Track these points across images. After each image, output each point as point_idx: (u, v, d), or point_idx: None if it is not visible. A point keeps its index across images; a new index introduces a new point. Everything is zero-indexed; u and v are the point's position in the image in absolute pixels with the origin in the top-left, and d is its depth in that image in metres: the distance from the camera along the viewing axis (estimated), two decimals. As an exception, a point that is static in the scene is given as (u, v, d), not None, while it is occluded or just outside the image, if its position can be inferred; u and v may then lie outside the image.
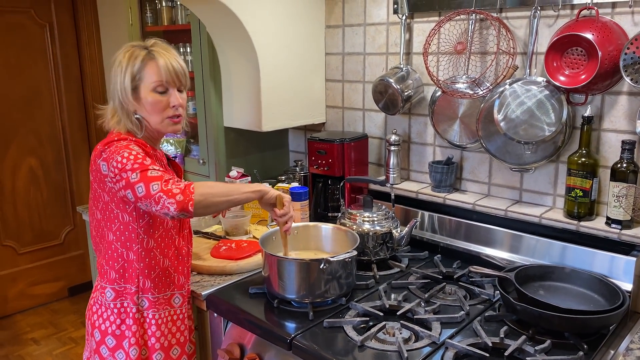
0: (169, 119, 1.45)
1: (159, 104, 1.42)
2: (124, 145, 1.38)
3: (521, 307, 1.37)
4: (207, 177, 2.42)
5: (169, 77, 1.41)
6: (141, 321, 1.49)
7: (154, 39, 1.48)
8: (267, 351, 1.48)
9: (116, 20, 3.35)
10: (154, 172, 1.33)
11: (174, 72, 1.42)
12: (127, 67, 1.40)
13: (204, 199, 1.34)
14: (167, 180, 1.32)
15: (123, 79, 1.40)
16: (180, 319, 1.56)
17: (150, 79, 1.40)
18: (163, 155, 1.56)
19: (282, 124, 2.24)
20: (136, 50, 1.42)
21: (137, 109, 1.43)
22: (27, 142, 3.47)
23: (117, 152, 1.35)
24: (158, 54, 1.41)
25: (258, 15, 2.04)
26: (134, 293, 1.47)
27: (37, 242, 3.62)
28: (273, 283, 1.53)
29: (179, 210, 1.30)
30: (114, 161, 1.34)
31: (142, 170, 1.33)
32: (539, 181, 1.80)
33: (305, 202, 2.07)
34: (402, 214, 2.01)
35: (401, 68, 2.01)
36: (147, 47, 1.43)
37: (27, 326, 3.43)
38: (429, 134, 2.06)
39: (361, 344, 1.32)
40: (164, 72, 1.41)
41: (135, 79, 1.41)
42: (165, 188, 1.30)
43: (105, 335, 1.48)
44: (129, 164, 1.33)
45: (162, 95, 1.43)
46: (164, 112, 1.44)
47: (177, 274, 1.54)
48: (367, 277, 1.70)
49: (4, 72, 3.31)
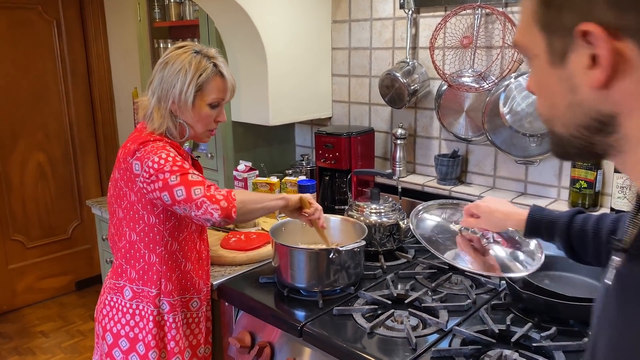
0: (209, 131, 1.50)
1: (209, 118, 1.45)
2: (161, 147, 1.37)
3: (527, 295, 1.40)
4: (215, 170, 2.45)
5: (230, 96, 1.46)
6: (162, 324, 1.49)
7: (213, 48, 1.48)
8: (278, 339, 1.51)
9: (123, 17, 3.38)
10: (195, 177, 1.34)
11: (233, 90, 1.46)
12: (193, 76, 1.39)
13: (244, 205, 1.37)
14: (209, 186, 1.34)
15: (187, 87, 1.39)
16: (196, 322, 1.56)
17: (213, 94, 1.42)
18: (188, 157, 1.56)
19: (289, 118, 2.28)
20: (203, 60, 1.41)
21: (181, 114, 1.43)
22: (34, 138, 3.51)
23: (154, 153, 1.34)
24: (223, 70, 1.43)
25: (266, 11, 2.07)
26: (155, 296, 1.47)
27: (45, 237, 3.66)
28: (283, 272, 1.57)
29: (222, 216, 1.32)
30: (150, 161, 1.33)
31: (182, 173, 1.33)
32: (543, 173, 1.83)
33: (313, 195, 2.10)
34: (408, 206, 2.03)
35: (407, 62, 2.03)
36: (210, 58, 1.43)
37: (35, 319, 3.47)
38: (435, 127, 2.09)
39: (370, 330, 1.35)
40: (229, 92, 1.44)
41: (199, 90, 1.41)
42: (209, 194, 1.32)
43: (119, 337, 1.47)
44: (167, 165, 1.33)
45: (214, 110, 1.45)
46: (209, 125, 1.47)
47: (197, 278, 1.55)
48: (375, 267, 1.73)
49: (12, 68, 3.35)
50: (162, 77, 1.41)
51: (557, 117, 0.58)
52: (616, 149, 0.55)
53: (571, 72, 0.53)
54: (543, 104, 0.60)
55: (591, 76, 0.51)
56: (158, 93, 1.42)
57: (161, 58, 1.46)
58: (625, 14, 0.48)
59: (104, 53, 3.65)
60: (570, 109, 0.55)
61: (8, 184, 3.44)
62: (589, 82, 0.52)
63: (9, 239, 3.50)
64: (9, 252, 3.51)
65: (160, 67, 1.43)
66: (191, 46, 1.44)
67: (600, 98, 0.52)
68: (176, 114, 1.43)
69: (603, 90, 0.52)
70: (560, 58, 0.54)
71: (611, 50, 0.49)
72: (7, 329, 3.36)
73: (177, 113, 1.42)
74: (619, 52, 0.49)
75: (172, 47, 1.46)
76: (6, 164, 3.42)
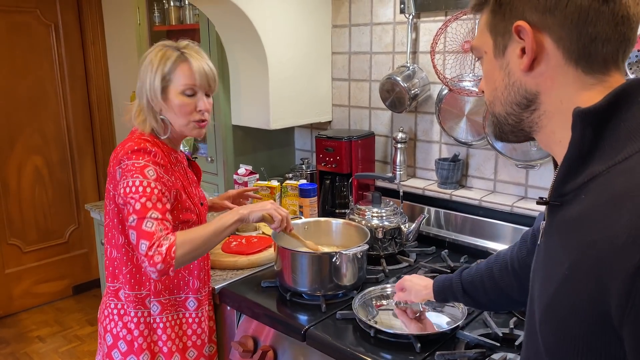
0: (195, 122, 1.44)
1: (187, 107, 1.41)
2: (141, 167, 1.34)
3: (530, 299, 1.41)
4: (215, 174, 2.45)
5: (200, 81, 1.40)
6: (154, 326, 1.48)
7: (187, 40, 1.46)
8: (280, 343, 1.51)
9: (121, 20, 3.38)
10: (148, 224, 1.30)
11: (205, 76, 1.41)
12: (158, 67, 1.38)
13: (184, 256, 1.31)
14: (154, 244, 1.28)
15: (153, 79, 1.39)
16: (197, 323, 1.54)
17: (181, 81, 1.39)
18: (184, 158, 1.55)
19: (290, 122, 2.28)
20: (168, 50, 1.40)
21: (163, 109, 1.42)
22: (32, 141, 3.50)
23: (131, 174, 1.33)
24: (191, 57, 1.40)
25: (267, 15, 2.08)
26: (144, 297, 1.47)
27: (42, 241, 3.64)
28: (286, 276, 1.56)
29: (159, 277, 1.31)
30: (126, 182, 1.33)
31: (139, 217, 1.30)
32: (544, 177, 1.84)
33: (314, 199, 2.10)
34: (408, 210, 2.04)
35: (408, 67, 2.04)
36: (179, 49, 1.41)
37: (32, 324, 3.45)
38: (435, 131, 2.09)
39: (374, 334, 1.35)
40: (197, 76, 1.40)
41: (165, 80, 1.39)
42: (150, 253, 1.27)
43: (118, 339, 1.47)
44: (135, 197, 1.31)
45: (190, 99, 1.41)
46: (190, 116, 1.43)
47: (191, 278, 1.52)
48: (377, 271, 1.73)
49: (10, 72, 3.33)
50: (138, 76, 1.43)
51: (497, 98, 0.76)
52: (538, 124, 0.73)
53: (508, 61, 0.73)
54: (489, 90, 0.78)
55: (521, 62, 0.70)
56: (137, 92, 1.44)
57: None
58: (544, 16, 0.67)
59: (101, 57, 3.64)
60: (507, 89, 0.74)
61: (5, 187, 3.43)
62: (519, 66, 0.71)
63: (5, 243, 3.47)
64: (5, 256, 3.49)
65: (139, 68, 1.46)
66: (164, 43, 1.44)
67: (526, 79, 0.71)
68: (155, 109, 1.42)
69: (529, 72, 0.70)
70: (501, 51, 0.73)
71: (534, 42, 0.68)
72: (3, 334, 3.33)
73: (156, 108, 1.42)
74: (540, 43, 0.68)
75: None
76: (3, 168, 3.41)
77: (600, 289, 0.58)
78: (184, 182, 1.48)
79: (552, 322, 0.66)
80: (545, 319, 0.68)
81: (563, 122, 0.69)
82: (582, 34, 0.66)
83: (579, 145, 0.66)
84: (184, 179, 1.50)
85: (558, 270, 0.65)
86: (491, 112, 0.79)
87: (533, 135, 0.76)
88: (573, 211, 0.66)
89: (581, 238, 0.62)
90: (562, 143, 0.70)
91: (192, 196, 1.50)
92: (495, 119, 0.79)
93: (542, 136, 0.74)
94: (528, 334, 0.76)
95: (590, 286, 0.59)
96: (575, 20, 0.65)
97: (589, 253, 0.60)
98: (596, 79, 0.67)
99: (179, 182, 1.45)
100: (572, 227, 0.65)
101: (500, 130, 0.79)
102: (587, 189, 0.65)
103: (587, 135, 0.65)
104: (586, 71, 0.67)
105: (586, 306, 0.60)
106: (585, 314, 0.60)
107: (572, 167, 0.67)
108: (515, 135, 0.78)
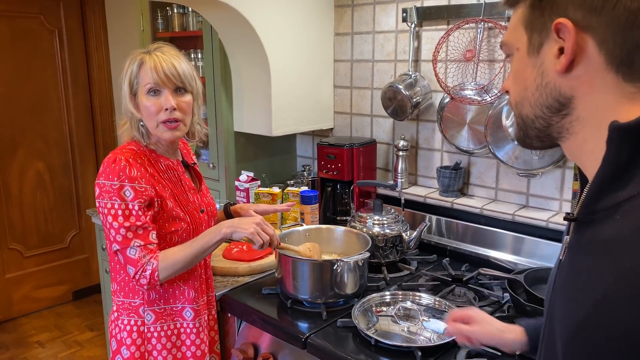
0: (163, 123, 1.38)
1: (151, 107, 1.36)
2: (117, 189, 1.33)
3: (531, 308, 1.40)
4: (216, 181, 2.46)
5: (159, 78, 1.35)
6: (148, 335, 1.46)
7: (161, 42, 1.44)
8: (281, 350, 1.51)
9: (125, 27, 3.40)
10: (132, 252, 1.34)
11: (163, 72, 1.35)
12: (126, 73, 1.38)
13: (169, 278, 1.40)
14: (138, 270, 1.34)
15: (123, 85, 1.38)
16: (195, 333, 1.50)
17: (143, 82, 1.37)
18: (179, 164, 1.50)
19: (292, 129, 2.28)
20: (137, 54, 1.39)
21: (140, 116, 1.40)
22: (34, 146, 3.51)
23: (110, 196, 1.33)
24: (152, 56, 1.37)
25: (270, 22, 2.09)
26: (138, 305, 1.45)
27: (43, 246, 3.64)
28: (287, 283, 1.56)
29: (148, 290, 1.44)
30: (103, 203, 1.34)
31: (122, 247, 1.34)
32: (545, 186, 1.84)
33: (315, 206, 2.10)
34: (410, 218, 2.04)
35: (410, 75, 2.05)
36: (148, 51, 1.39)
37: (32, 329, 3.44)
38: (437, 139, 2.10)
39: (375, 343, 1.35)
40: (154, 73, 1.35)
41: (133, 84, 1.38)
42: (137, 277, 1.35)
43: (121, 345, 1.46)
44: (115, 225, 1.34)
45: (156, 98, 1.37)
46: (157, 116, 1.37)
47: (186, 287, 1.48)
48: (378, 279, 1.73)
49: (13, 77, 3.35)
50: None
51: (526, 99, 0.71)
52: (569, 131, 0.68)
53: (542, 60, 0.68)
54: (517, 90, 0.73)
55: (557, 63, 0.66)
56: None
57: None
58: (589, 15, 0.62)
59: (104, 63, 3.66)
60: (538, 90, 0.69)
61: (6, 192, 3.43)
62: (555, 67, 0.66)
63: (6, 247, 3.48)
64: (6, 261, 3.49)
65: None
66: (139, 49, 1.43)
67: (562, 81, 0.66)
68: (134, 116, 1.40)
69: (565, 74, 0.65)
70: (536, 49, 0.69)
71: (575, 42, 0.63)
72: (3, 339, 3.33)
73: (134, 115, 1.40)
74: (580, 44, 0.64)
75: None
76: (5, 172, 3.41)
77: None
78: (174, 190, 1.44)
79: (581, 352, 0.61)
80: (573, 347, 0.63)
81: (597, 132, 0.65)
82: (627, 39, 0.61)
83: (615, 162, 0.62)
84: (175, 187, 1.46)
85: (589, 295, 0.61)
86: (517, 113, 0.74)
87: (560, 142, 0.71)
88: (606, 232, 0.62)
89: (617, 263, 0.58)
90: (593, 155, 0.65)
91: (184, 204, 1.46)
92: (521, 121, 0.73)
93: (571, 144, 0.70)
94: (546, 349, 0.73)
95: (628, 317, 0.55)
96: (622, 23, 0.61)
97: (627, 280, 0.56)
98: (637, 88, 0.63)
99: (167, 191, 1.42)
100: (605, 249, 0.61)
101: (525, 134, 0.74)
102: (623, 209, 0.61)
103: (624, 152, 0.61)
104: (627, 79, 0.63)
105: (623, 337, 0.56)
106: (621, 346, 0.56)
107: (606, 185, 0.63)
108: (541, 141, 0.73)
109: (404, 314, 1.47)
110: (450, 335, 1.24)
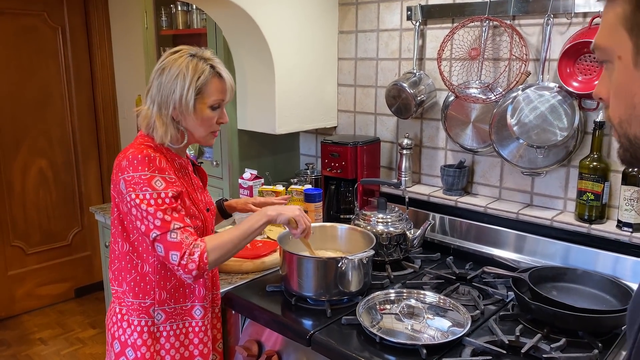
0: (212, 133, 1.47)
1: (211, 120, 1.43)
2: (147, 179, 1.33)
3: (536, 307, 1.40)
4: (220, 178, 2.46)
5: (229, 98, 1.45)
6: (157, 335, 1.46)
7: (207, 50, 1.45)
8: (285, 347, 1.51)
9: (128, 24, 3.40)
10: (173, 235, 1.31)
11: (232, 90, 1.45)
12: (192, 80, 1.36)
13: (218, 262, 1.37)
14: (185, 252, 1.30)
15: (187, 91, 1.36)
16: (203, 331, 1.50)
17: (213, 96, 1.40)
18: (189, 163, 1.53)
19: (295, 127, 2.28)
20: (200, 63, 1.38)
21: (185, 119, 1.41)
22: (37, 144, 3.51)
23: (140, 187, 1.32)
24: (221, 71, 1.41)
25: (275, 20, 2.09)
26: (149, 306, 1.44)
27: (45, 243, 3.64)
28: (291, 281, 1.56)
29: (194, 281, 1.38)
30: (135, 194, 1.32)
31: (162, 232, 1.31)
32: (550, 185, 1.84)
33: (319, 204, 2.10)
34: (413, 216, 2.04)
35: (414, 73, 2.04)
36: (207, 60, 1.40)
37: (34, 326, 3.44)
38: (441, 138, 2.10)
39: (379, 340, 1.35)
40: (229, 92, 1.43)
41: (198, 93, 1.38)
42: (183, 262, 1.30)
43: (126, 347, 1.45)
44: (149, 210, 1.31)
45: (215, 112, 1.43)
46: (212, 127, 1.45)
47: (197, 285, 1.48)
48: (382, 277, 1.73)
49: (17, 74, 3.35)
50: (160, 83, 1.39)
51: (635, 117, 0.59)
52: None
53: None
54: (619, 105, 0.60)
55: None
56: (158, 100, 1.40)
57: (157, 64, 1.43)
58: None
59: (108, 60, 3.66)
60: None
61: (9, 189, 3.43)
62: None
63: (9, 244, 3.48)
64: (8, 258, 3.49)
65: (157, 74, 1.41)
66: (186, 50, 1.42)
67: None
68: (178, 119, 1.41)
69: None
70: None
71: None
72: (5, 336, 3.33)
73: (179, 119, 1.40)
74: None
75: (167, 53, 1.43)
76: (8, 170, 3.42)
77: None
78: (188, 188, 1.47)
79: None
80: None
81: None
82: None
83: None
84: (188, 185, 1.48)
85: None
86: (622, 132, 0.62)
87: None
88: None
89: None
90: None
91: (196, 202, 1.48)
92: (626, 142, 0.61)
93: None
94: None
95: None
96: None
97: None
98: None
99: (183, 188, 1.44)
100: None
101: (632, 156, 0.62)
102: None
103: None
104: None
105: None
106: None
107: None
108: None
109: (408, 312, 1.47)
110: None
